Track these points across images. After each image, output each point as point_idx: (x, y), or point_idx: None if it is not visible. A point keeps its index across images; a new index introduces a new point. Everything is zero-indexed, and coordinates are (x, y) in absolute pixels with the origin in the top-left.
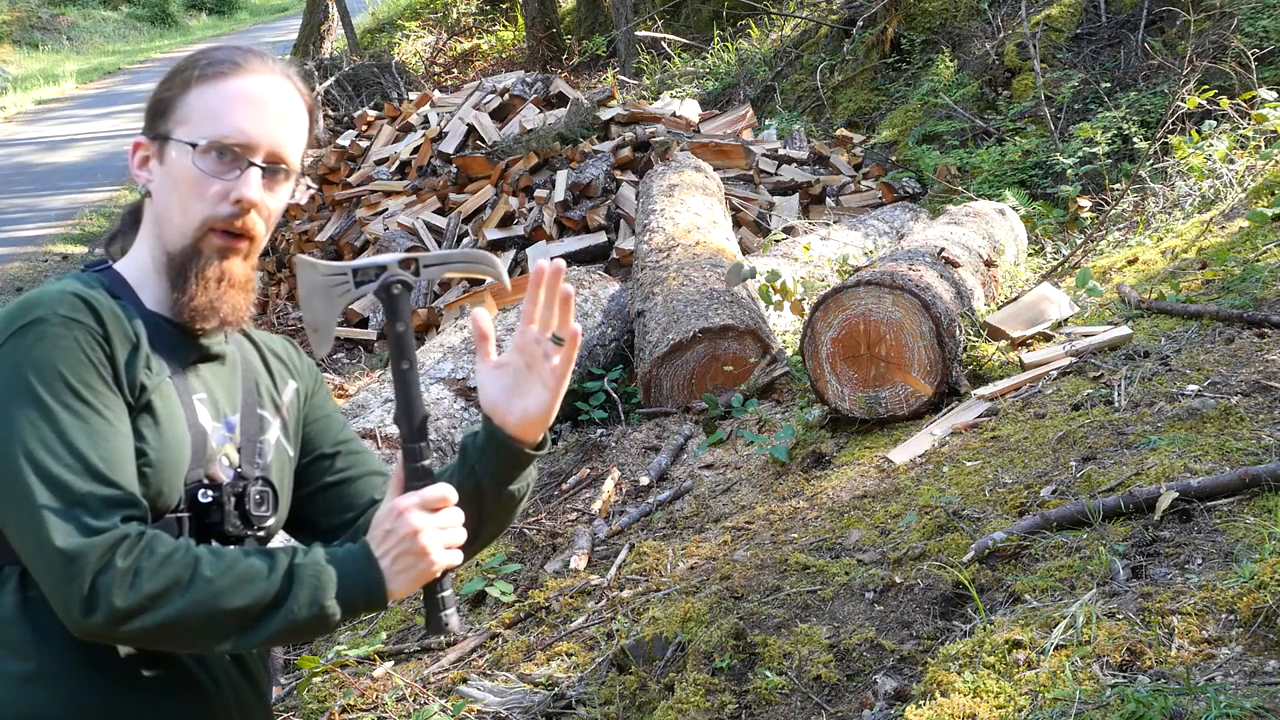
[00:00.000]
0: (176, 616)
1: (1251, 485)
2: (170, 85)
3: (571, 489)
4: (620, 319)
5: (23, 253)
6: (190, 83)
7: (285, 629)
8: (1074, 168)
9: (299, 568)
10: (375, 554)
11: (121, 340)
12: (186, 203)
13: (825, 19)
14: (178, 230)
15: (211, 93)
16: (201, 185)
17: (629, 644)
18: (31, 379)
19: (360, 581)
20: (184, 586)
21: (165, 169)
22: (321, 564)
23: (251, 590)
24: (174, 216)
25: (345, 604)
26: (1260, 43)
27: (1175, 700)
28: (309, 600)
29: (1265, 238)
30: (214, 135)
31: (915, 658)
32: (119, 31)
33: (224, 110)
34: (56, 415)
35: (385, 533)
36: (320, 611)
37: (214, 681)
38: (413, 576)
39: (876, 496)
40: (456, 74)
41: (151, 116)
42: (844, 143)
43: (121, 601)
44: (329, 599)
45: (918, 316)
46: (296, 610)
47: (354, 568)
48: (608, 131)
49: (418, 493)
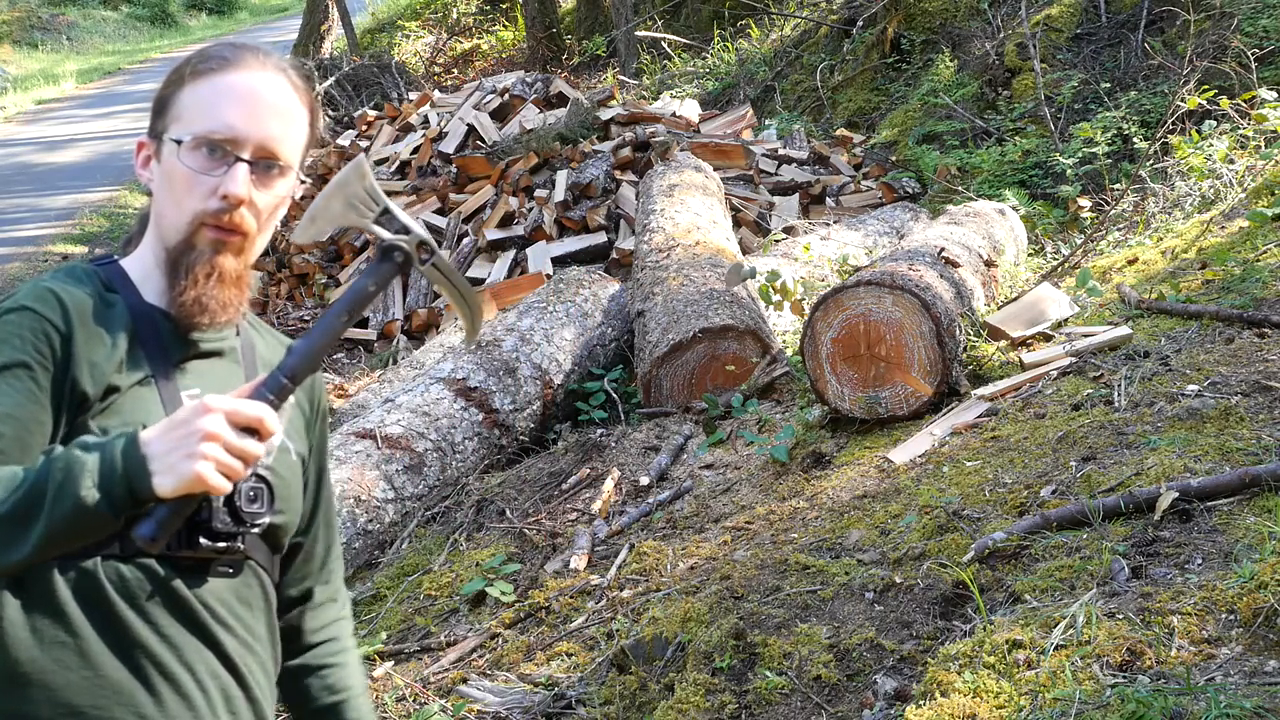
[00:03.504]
0: None
1: (1251, 485)
2: (168, 84)
3: (571, 489)
4: (620, 319)
5: (23, 253)
6: (184, 79)
7: (49, 527)
8: (1074, 168)
9: (52, 460)
10: (145, 440)
11: (91, 339)
12: (179, 199)
13: (825, 19)
14: (172, 226)
15: (203, 88)
16: (191, 181)
17: (629, 644)
18: None
19: (122, 465)
20: None
21: (162, 166)
22: (74, 452)
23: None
24: (168, 213)
25: (105, 491)
26: (1260, 43)
27: (1175, 700)
28: (59, 491)
29: (1265, 238)
30: (201, 130)
31: (915, 658)
32: (119, 31)
33: (212, 105)
34: None
35: (175, 421)
36: (77, 501)
37: (198, 682)
38: (177, 479)
39: (876, 496)
40: (456, 74)
41: (151, 115)
42: (844, 143)
43: None
44: (84, 487)
45: (918, 316)
46: (50, 504)
47: (113, 451)
48: (608, 131)
49: (235, 400)
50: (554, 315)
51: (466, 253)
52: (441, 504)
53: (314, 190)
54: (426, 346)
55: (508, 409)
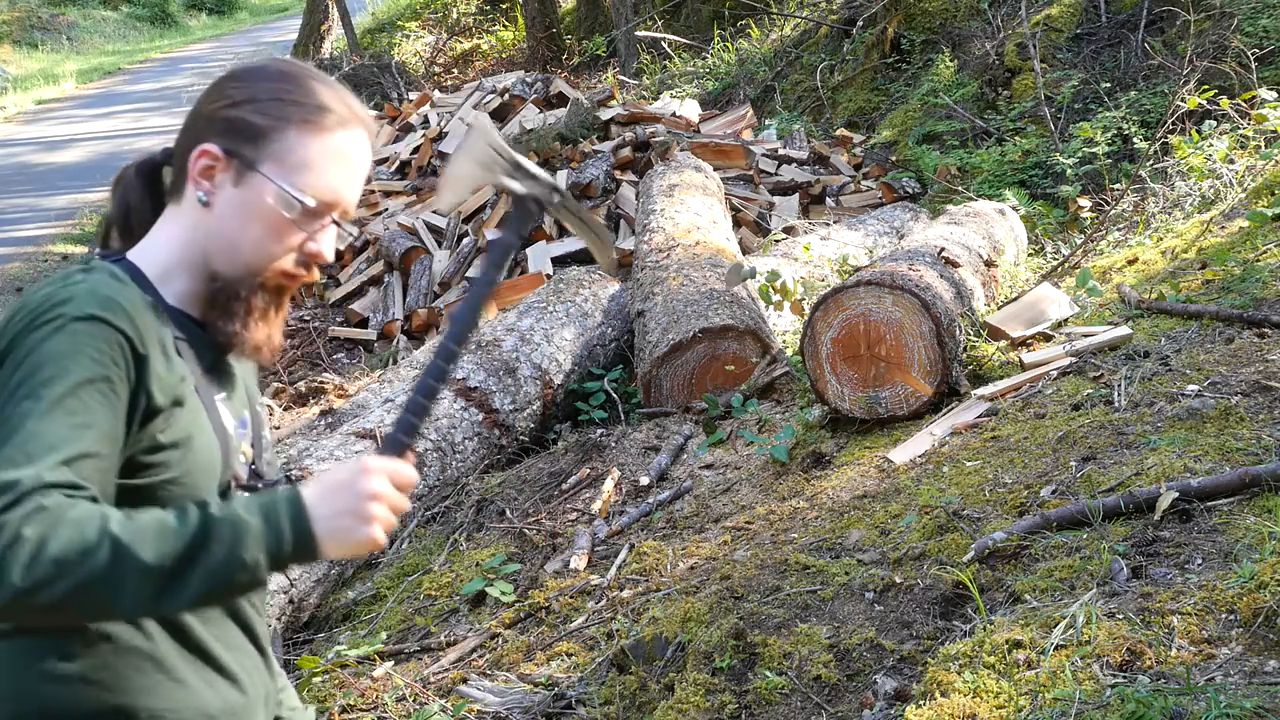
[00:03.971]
0: (83, 583)
1: (1251, 485)
2: (264, 110)
3: (571, 489)
4: (620, 319)
5: (23, 253)
6: (290, 120)
7: (205, 586)
8: (1074, 168)
9: (214, 520)
10: (311, 504)
11: (154, 350)
12: (262, 241)
13: (825, 19)
14: (242, 263)
15: (314, 143)
16: (282, 231)
17: (629, 644)
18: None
19: (289, 532)
20: (90, 549)
21: (242, 196)
22: (239, 514)
23: (162, 546)
24: (241, 247)
25: (272, 557)
26: (1260, 43)
27: (1175, 700)
28: (227, 554)
29: (1265, 238)
30: (311, 191)
31: (915, 658)
32: (119, 31)
33: (323, 166)
34: (45, 405)
35: (339, 484)
36: (241, 565)
37: (242, 665)
38: (348, 541)
39: (876, 496)
40: (456, 74)
41: (231, 132)
42: (844, 143)
43: (20, 578)
44: (249, 551)
45: (918, 316)
46: (213, 565)
47: (281, 517)
48: (608, 131)
49: (392, 460)
50: (554, 315)
51: (466, 253)
52: (441, 504)
53: None
54: (426, 346)
55: (508, 409)
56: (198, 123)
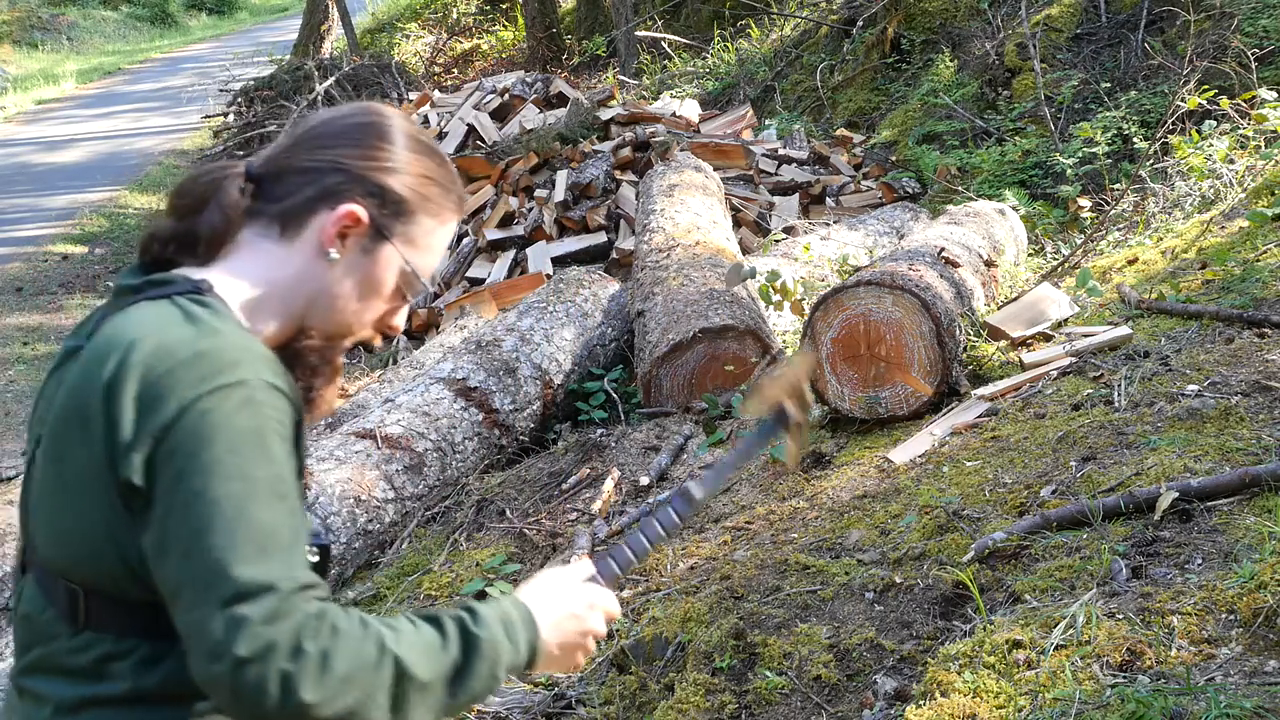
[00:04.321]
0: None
1: (1251, 485)
2: (413, 186)
3: (571, 489)
4: (620, 319)
5: (23, 253)
6: (431, 200)
7: (465, 700)
8: (1074, 168)
9: (476, 639)
10: (544, 628)
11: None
12: (369, 305)
13: (825, 19)
14: (339, 323)
15: (439, 229)
16: (382, 299)
17: (629, 644)
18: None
19: (524, 654)
20: (373, 666)
21: (367, 262)
22: (498, 636)
23: (434, 664)
24: (345, 310)
25: (510, 671)
26: (1260, 43)
27: (1175, 700)
28: (489, 673)
29: (1265, 238)
30: (424, 276)
31: (915, 658)
32: (119, 31)
33: (437, 252)
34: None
35: (570, 614)
36: (495, 684)
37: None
38: (560, 664)
39: (876, 496)
40: (456, 74)
41: (379, 199)
42: (844, 143)
43: (312, 695)
44: (502, 671)
45: (918, 316)
46: (476, 684)
47: (520, 639)
48: (608, 131)
49: (611, 597)
50: (554, 315)
51: (466, 253)
52: (441, 504)
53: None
54: (426, 346)
55: (508, 409)
56: (336, 176)
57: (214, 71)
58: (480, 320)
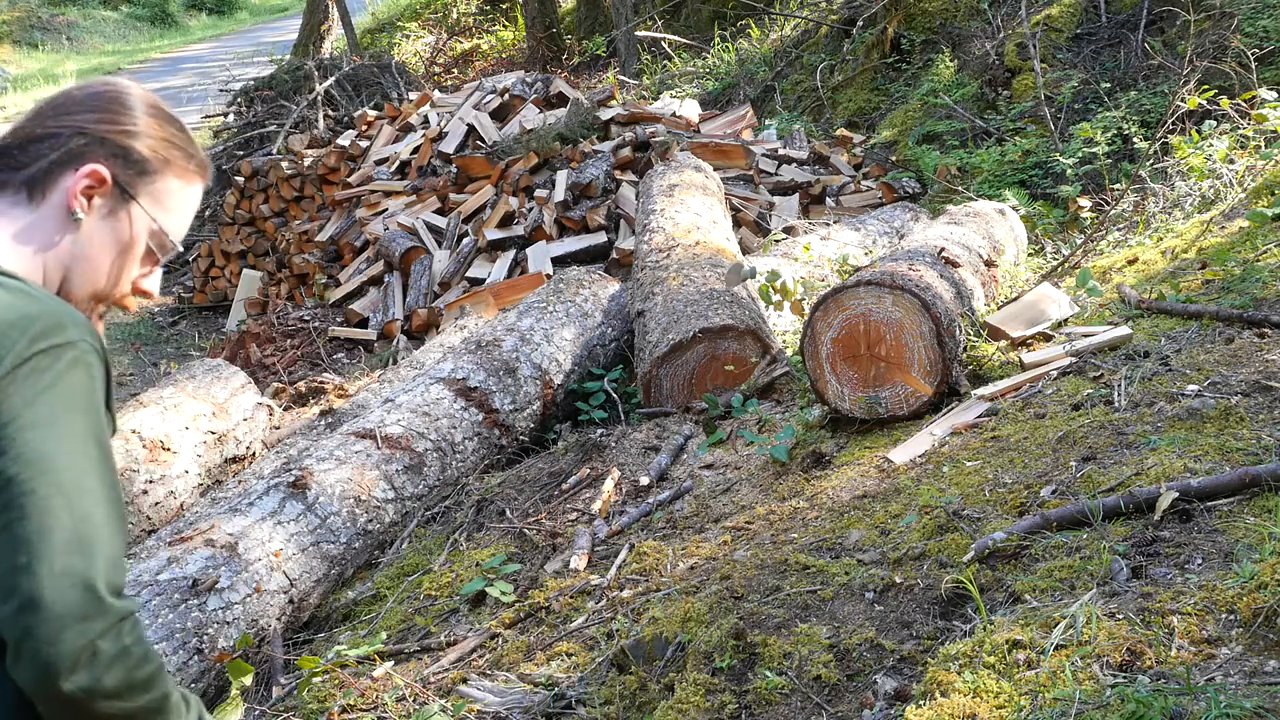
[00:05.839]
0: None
1: (1251, 485)
2: (155, 148)
3: (571, 489)
4: (620, 319)
5: None
6: (173, 164)
7: None
8: (1074, 168)
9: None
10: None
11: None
12: (124, 266)
13: (825, 19)
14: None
15: (188, 191)
16: (132, 260)
17: (629, 644)
18: (78, 414)
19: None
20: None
21: (115, 224)
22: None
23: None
24: (100, 272)
25: None
26: (1260, 43)
27: (1175, 700)
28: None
29: (1265, 238)
30: (173, 235)
31: (915, 658)
32: (119, 31)
33: (184, 213)
34: (99, 463)
35: None
36: None
37: None
38: None
39: (876, 496)
40: (456, 74)
41: (122, 160)
42: (844, 143)
43: (111, 681)
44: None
45: (918, 316)
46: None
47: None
48: (608, 131)
49: None
50: (554, 315)
51: (466, 253)
52: (441, 504)
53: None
54: (426, 346)
55: (508, 409)
56: (78, 139)
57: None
58: (480, 320)
